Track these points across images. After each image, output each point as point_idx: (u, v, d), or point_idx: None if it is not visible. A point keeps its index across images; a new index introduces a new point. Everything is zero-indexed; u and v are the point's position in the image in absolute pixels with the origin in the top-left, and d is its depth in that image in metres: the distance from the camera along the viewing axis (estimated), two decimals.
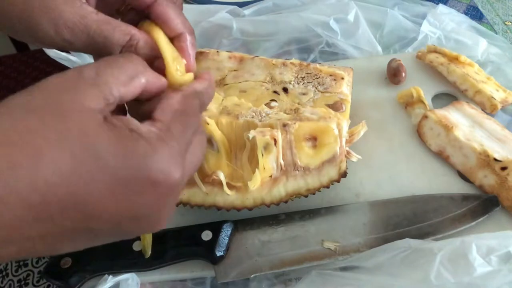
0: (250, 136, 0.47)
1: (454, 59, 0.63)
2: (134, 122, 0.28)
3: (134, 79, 0.30)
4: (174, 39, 0.37)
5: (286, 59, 0.58)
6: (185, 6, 0.41)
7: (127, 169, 0.26)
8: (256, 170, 0.47)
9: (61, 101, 0.26)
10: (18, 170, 0.24)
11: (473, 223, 0.49)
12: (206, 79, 0.36)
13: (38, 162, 0.24)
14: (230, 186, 0.48)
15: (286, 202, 0.49)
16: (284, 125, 0.48)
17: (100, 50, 0.35)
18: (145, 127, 0.29)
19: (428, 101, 0.61)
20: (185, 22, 0.38)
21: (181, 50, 0.37)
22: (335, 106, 0.52)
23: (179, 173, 0.29)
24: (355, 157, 0.51)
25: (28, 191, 0.24)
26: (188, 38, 0.38)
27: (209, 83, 0.36)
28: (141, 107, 0.33)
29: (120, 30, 0.35)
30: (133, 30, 0.36)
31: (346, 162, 0.50)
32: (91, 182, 0.25)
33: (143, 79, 0.31)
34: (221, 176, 0.47)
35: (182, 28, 0.37)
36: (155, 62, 0.37)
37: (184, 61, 0.37)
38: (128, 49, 0.35)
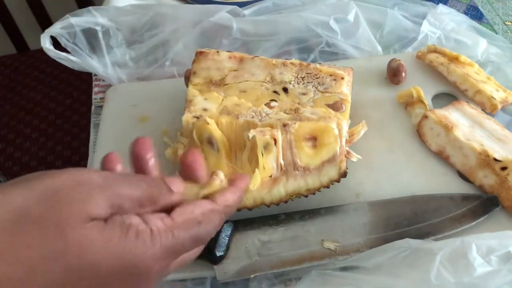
0: (250, 135, 0.47)
1: (454, 59, 0.63)
2: (133, 218, 0.30)
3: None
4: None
5: (286, 59, 0.58)
6: (185, 6, 0.41)
7: (117, 273, 0.28)
8: (256, 170, 0.47)
9: (62, 215, 0.27)
10: (7, 282, 0.25)
11: (473, 223, 0.49)
12: (241, 187, 0.38)
13: (29, 276, 0.25)
14: None
15: (286, 202, 0.49)
16: (284, 125, 0.48)
17: None
18: (143, 223, 0.30)
19: (428, 101, 0.61)
20: None
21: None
22: (335, 106, 0.52)
23: (157, 268, 0.30)
24: (355, 157, 0.51)
25: None
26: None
27: (241, 194, 0.37)
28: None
29: None
30: None
31: (346, 162, 0.50)
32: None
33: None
34: (221, 176, 0.47)
35: None
36: None
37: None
38: None
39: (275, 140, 0.47)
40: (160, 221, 0.31)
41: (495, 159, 0.52)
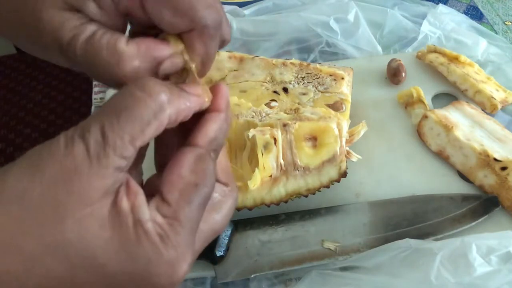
0: (250, 134, 0.47)
1: (454, 59, 0.63)
2: (142, 209, 0.25)
3: (153, 121, 0.25)
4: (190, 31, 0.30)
5: (286, 59, 0.58)
6: None
7: (127, 275, 0.25)
8: (256, 169, 0.47)
9: (59, 197, 0.24)
10: (6, 275, 0.23)
11: (473, 223, 0.49)
12: (222, 111, 0.30)
13: (29, 268, 0.23)
14: None
15: (286, 202, 0.49)
16: (284, 125, 0.48)
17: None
18: (151, 220, 0.25)
19: (428, 101, 0.61)
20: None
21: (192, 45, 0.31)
22: (335, 106, 0.52)
23: (186, 267, 0.26)
24: (355, 157, 0.51)
25: None
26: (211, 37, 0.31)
27: (226, 116, 0.30)
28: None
29: None
30: None
31: (346, 162, 0.50)
32: None
33: (165, 115, 0.26)
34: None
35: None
36: None
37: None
38: None
39: (275, 139, 0.47)
40: (158, 214, 0.26)
41: (495, 159, 0.52)
